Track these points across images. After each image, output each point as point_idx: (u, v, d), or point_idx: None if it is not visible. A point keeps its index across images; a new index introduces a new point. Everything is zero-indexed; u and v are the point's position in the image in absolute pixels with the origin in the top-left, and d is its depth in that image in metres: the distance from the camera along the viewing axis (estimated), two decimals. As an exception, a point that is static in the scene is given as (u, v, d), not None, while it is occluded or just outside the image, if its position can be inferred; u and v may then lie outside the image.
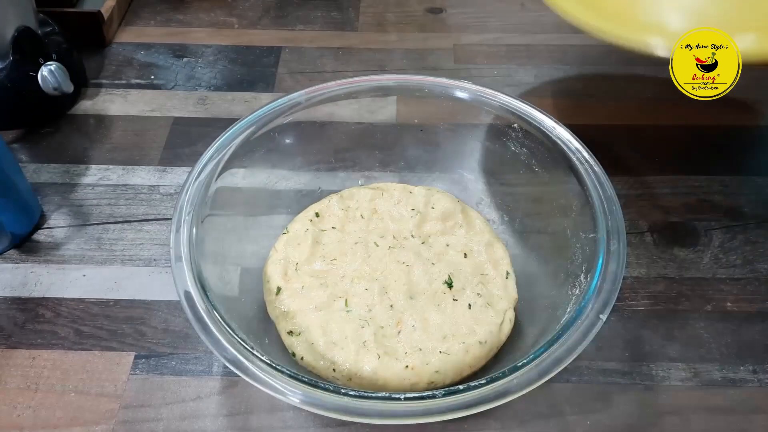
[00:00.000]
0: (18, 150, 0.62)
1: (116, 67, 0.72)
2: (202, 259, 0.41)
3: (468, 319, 0.45)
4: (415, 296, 0.46)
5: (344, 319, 0.44)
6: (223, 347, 0.37)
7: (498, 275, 0.48)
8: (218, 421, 0.44)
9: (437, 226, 0.51)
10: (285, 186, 0.53)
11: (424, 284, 0.47)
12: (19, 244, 0.54)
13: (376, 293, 0.46)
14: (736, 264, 0.55)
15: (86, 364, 0.47)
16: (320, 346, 0.43)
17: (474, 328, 0.44)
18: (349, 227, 0.51)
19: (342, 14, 0.81)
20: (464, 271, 0.48)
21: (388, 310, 0.45)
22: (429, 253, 0.49)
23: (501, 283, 0.48)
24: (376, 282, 0.47)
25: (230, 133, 0.48)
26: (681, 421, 0.45)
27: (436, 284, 0.47)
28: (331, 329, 0.44)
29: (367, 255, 0.48)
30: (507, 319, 0.45)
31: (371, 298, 0.46)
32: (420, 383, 0.42)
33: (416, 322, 0.44)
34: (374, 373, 0.41)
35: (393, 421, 0.35)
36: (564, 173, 0.47)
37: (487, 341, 0.44)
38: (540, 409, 0.45)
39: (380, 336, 0.43)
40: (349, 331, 0.43)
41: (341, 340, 0.43)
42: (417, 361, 0.42)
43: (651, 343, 0.49)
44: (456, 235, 0.51)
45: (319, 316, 0.45)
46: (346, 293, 0.46)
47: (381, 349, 0.42)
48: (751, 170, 0.61)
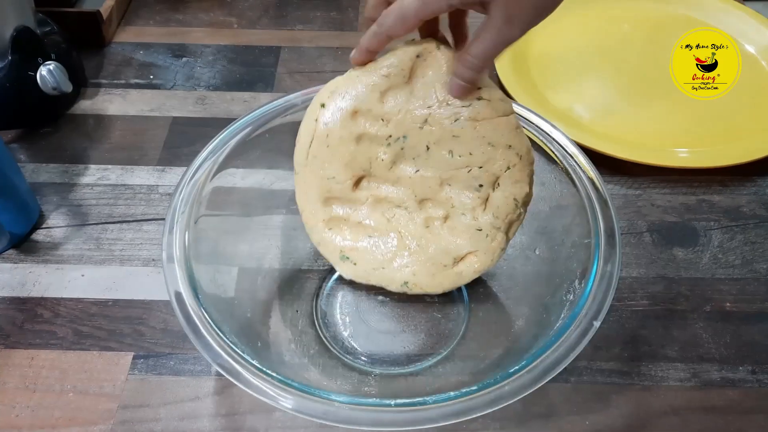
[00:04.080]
0: (17, 150, 0.62)
1: (115, 67, 0.72)
2: (195, 260, 0.41)
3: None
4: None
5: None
6: (213, 351, 0.36)
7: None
8: (216, 421, 0.44)
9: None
10: (281, 186, 0.53)
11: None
12: (17, 244, 0.54)
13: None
14: (735, 264, 0.54)
15: (85, 364, 0.47)
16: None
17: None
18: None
19: (341, 14, 0.80)
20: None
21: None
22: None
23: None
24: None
25: (226, 134, 0.48)
26: (680, 421, 0.45)
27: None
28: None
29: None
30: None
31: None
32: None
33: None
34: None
35: (384, 428, 0.34)
36: (560, 178, 0.47)
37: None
38: (539, 409, 0.45)
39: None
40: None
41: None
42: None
43: (650, 343, 0.49)
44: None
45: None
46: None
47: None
48: (750, 170, 0.61)
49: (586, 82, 0.71)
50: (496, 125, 0.42)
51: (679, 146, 0.63)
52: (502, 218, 0.44)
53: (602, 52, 0.75)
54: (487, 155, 0.43)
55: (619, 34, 0.77)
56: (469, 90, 0.40)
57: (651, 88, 0.70)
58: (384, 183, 0.45)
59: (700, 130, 0.65)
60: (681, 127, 0.66)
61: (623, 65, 0.73)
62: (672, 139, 0.64)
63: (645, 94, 0.70)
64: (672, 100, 0.67)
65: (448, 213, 0.45)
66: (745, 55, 0.73)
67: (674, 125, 0.66)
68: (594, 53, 0.75)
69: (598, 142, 0.60)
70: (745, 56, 0.72)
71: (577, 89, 0.70)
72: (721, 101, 0.65)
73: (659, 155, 0.61)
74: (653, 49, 0.74)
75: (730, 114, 0.67)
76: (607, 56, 0.74)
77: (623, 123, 0.66)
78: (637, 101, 0.69)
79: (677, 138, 0.64)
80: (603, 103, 0.69)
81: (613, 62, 0.73)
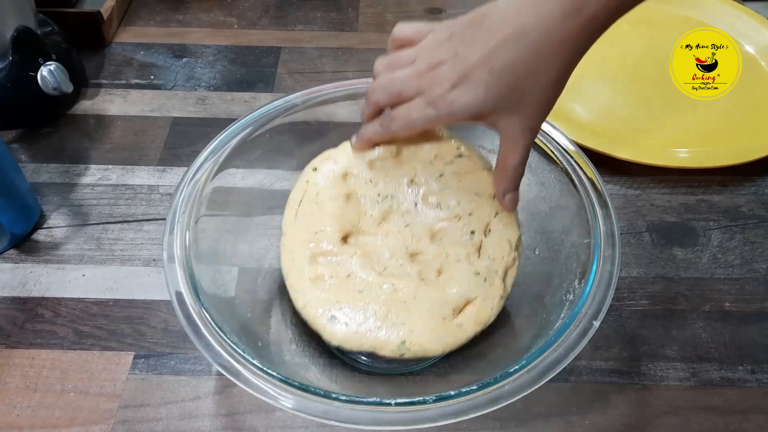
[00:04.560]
0: (17, 150, 0.62)
1: (116, 68, 0.72)
2: (196, 260, 0.41)
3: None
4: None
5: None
6: (214, 351, 0.37)
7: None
8: (217, 421, 0.44)
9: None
10: (282, 186, 0.53)
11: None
12: (18, 243, 0.54)
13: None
14: (735, 264, 0.55)
15: (85, 363, 0.47)
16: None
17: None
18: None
19: (341, 14, 0.81)
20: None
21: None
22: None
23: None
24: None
25: (226, 134, 0.48)
26: (679, 421, 0.45)
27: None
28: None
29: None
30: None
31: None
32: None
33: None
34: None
35: (384, 427, 0.35)
36: (559, 178, 0.47)
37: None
38: (538, 409, 0.45)
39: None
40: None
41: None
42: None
43: (649, 342, 0.49)
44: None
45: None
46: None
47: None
48: (750, 170, 0.61)
49: (586, 82, 0.71)
50: (479, 177, 0.45)
51: (679, 146, 0.63)
52: (499, 260, 0.44)
53: (602, 52, 0.75)
54: (475, 203, 0.45)
55: (619, 34, 0.77)
56: (517, 199, 0.44)
57: (651, 88, 0.70)
58: (373, 237, 0.45)
59: (700, 130, 0.65)
60: (681, 127, 0.66)
61: (623, 65, 0.73)
62: (672, 139, 0.64)
63: (645, 94, 0.70)
64: (672, 100, 0.67)
65: (441, 264, 0.44)
66: (744, 55, 0.73)
67: (674, 125, 0.66)
68: (594, 53, 0.74)
69: (597, 142, 0.60)
70: (744, 56, 0.72)
71: (576, 89, 0.70)
72: (721, 101, 0.66)
73: (659, 155, 0.61)
74: (653, 49, 0.74)
75: (729, 114, 0.67)
76: (606, 56, 0.74)
77: (623, 123, 0.66)
78: (637, 101, 0.69)
79: (677, 138, 0.64)
80: (603, 103, 0.69)
81: (613, 62, 0.73)
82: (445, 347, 0.42)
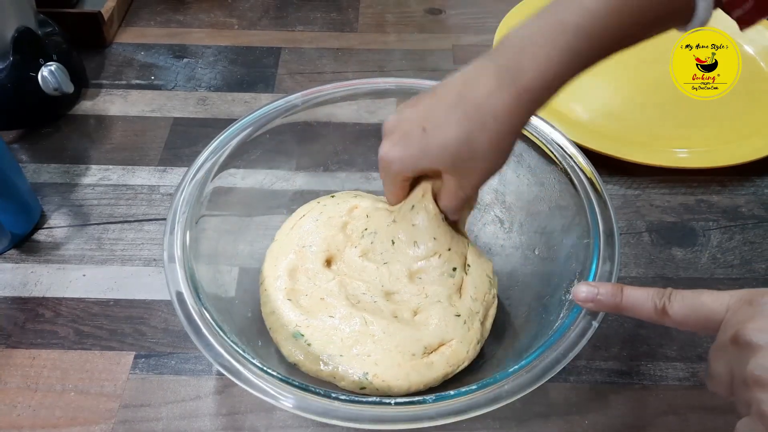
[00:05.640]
0: (18, 150, 0.62)
1: (116, 68, 0.72)
2: (196, 260, 0.41)
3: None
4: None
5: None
6: (214, 351, 0.37)
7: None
8: (217, 421, 0.44)
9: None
10: (282, 187, 0.54)
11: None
12: (19, 244, 0.54)
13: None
14: (734, 264, 0.55)
15: (86, 363, 0.47)
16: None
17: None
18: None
19: (341, 15, 0.81)
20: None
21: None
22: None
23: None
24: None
25: (226, 135, 0.48)
26: (679, 421, 0.45)
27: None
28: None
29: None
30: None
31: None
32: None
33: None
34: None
35: (384, 426, 0.35)
36: (559, 179, 0.48)
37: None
38: (538, 408, 0.45)
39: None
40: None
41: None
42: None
43: (649, 342, 0.49)
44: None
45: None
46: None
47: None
48: (749, 170, 0.61)
49: (586, 83, 0.71)
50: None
51: (679, 146, 0.63)
52: (480, 300, 0.45)
53: (602, 52, 0.75)
54: (450, 235, 0.46)
55: (619, 35, 0.77)
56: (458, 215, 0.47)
57: (651, 88, 0.70)
58: (352, 270, 0.46)
59: (700, 130, 0.65)
60: (681, 127, 0.66)
61: (623, 65, 0.73)
62: (671, 139, 0.64)
63: (645, 94, 0.70)
64: (672, 100, 0.67)
65: (419, 304, 0.44)
66: (744, 55, 0.73)
67: (674, 125, 0.66)
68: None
69: (597, 142, 0.60)
70: (744, 57, 0.72)
71: (576, 89, 0.70)
72: (720, 101, 0.65)
73: (658, 155, 0.61)
74: (653, 49, 0.74)
75: (729, 114, 0.67)
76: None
77: (623, 123, 0.66)
78: (637, 101, 0.69)
79: (677, 138, 0.64)
80: (602, 103, 0.69)
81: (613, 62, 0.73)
82: (411, 384, 0.41)
